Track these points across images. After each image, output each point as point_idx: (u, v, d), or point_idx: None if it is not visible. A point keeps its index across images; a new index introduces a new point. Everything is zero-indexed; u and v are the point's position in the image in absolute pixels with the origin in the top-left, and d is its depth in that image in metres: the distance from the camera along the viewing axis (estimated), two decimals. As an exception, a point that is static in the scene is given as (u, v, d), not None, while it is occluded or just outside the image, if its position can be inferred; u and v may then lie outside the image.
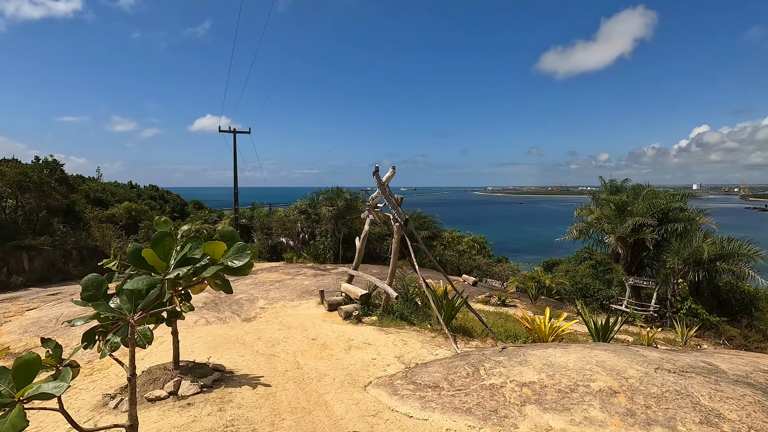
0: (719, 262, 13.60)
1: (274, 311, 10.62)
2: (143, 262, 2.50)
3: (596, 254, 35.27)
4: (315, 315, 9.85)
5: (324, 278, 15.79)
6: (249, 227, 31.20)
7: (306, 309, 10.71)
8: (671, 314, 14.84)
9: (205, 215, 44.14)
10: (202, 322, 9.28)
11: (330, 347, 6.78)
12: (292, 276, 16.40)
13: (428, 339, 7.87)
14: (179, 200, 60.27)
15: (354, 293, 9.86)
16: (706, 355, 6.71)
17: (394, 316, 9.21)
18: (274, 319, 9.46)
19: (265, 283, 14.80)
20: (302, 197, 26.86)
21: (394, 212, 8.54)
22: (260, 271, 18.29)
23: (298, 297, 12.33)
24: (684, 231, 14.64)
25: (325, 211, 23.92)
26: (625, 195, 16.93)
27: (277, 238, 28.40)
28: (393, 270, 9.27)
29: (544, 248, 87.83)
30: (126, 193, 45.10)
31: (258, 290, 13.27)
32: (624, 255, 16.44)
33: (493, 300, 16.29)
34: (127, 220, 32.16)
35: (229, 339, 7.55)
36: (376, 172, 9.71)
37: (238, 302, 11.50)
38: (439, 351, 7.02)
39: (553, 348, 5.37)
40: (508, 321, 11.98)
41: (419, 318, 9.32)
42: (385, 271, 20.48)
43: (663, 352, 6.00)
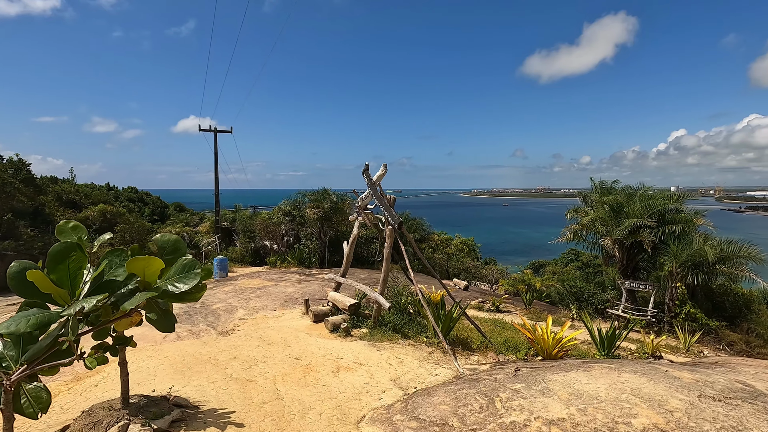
0: (719, 265, 13.19)
1: (255, 323, 9.69)
2: (34, 290, 1.65)
3: (582, 256, 35.17)
4: (299, 327, 8.97)
5: (309, 285, 14.88)
6: (231, 230, 30.01)
7: (289, 320, 9.81)
8: (669, 319, 14.40)
9: (186, 218, 42.66)
10: (172, 337, 8.30)
11: (316, 369, 5.93)
12: (275, 282, 15.43)
13: (425, 355, 7.08)
14: (160, 202, 58.44)
15: (342, 303, 9.01)
16: (734, 371, 6.09)
17: (386, 328, 8.40)
18: (253, 333, 8.54)
19: (246, 290, 13.81)
20: (286, 198, 25.87)
21: (387, 214, 7.75)
22: (241, 276, 17.26)
23: (281, 306, 11.41)
24: (682, 233, 14.22)
25: (310, 213, 22.98)
26: (618, 196, 16.50)
27: (261, 242, 27.33)
28: (385, 277, 8.46)
29: (530, 250, 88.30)
30: (102, 195, 43.28)
31: (237, 298, 12.30)
32: (620, 258, 15.97)
33: (487, 305, 15.63)
34: (101, 223, 30.60)
35: (201, 359, 6.62)
36: (366, 170, 8.90)
37: (215, 313, 10.53)
38: (439, 370, 6.23)
39: (575, 371, 4.64)
40: (506, 329, 11.29)
41: (414, 329, 8.53)
42: (374, 276, 19.67)
43: (692, 370, 5.33)
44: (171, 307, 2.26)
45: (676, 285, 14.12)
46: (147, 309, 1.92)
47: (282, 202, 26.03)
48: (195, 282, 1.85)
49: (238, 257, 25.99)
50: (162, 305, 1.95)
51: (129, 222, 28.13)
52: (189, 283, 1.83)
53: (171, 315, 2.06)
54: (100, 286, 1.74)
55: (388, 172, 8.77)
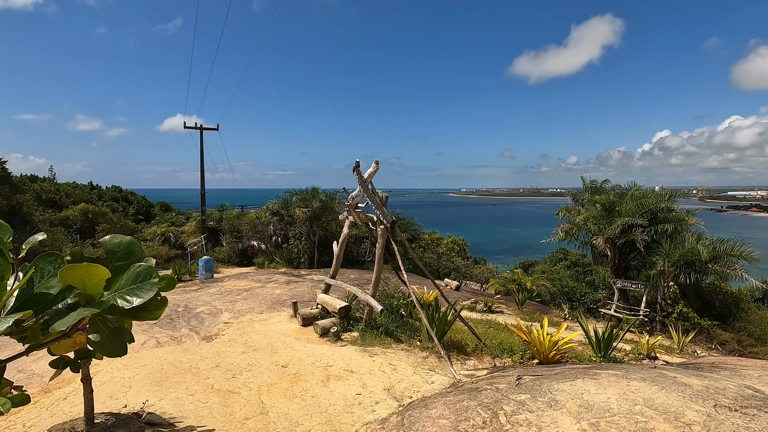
0: (711, 264, 13.13)
1: (240, 327, 9.26)
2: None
3: (571, 255, 35.28)
4: (287, 331, 8.57)
5: (298, 286, 14.46)
6: (218, 230, 29.35)
7: (277, 323, 9.40)
8: (661, 318, 14.33)
9: (172, 217, 41.75)
10: (152, 344, 7.84)
11: (304, 378, 5.55)
12: (263, 284, 14.97)
13: (419, 360, 6.76)
14: (145, 202, 57.19)
15: (332, 306, 8.64)
16: (739, 375, 5.89)
17: (378, 331, 8.05)
18: (238, 338, 8.12)
19: (232, 292, 13.34)
20: (274, 197, 25.34)
21: (379, 213, 7.40)
22: (228, 278, 16.75)
23: (269, 309, 10.98)
24: (674, 232, 14.15)
25: (299, 212, 22.50)
26: (610, 195, 16.40)
27: (248, 242, 26.76)
28: (377, 279, 8.11)
29: (519, 249, 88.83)
30: (84, 194, 42.16)
31: (223, 301, 11.83)
32: (612, 257, 15.88)
33: (479, 306, 15.39)
34: (83, 222, 29.72)
35: (180, 368, 6.19)
36: (357, 167, 8.54)
37: (199, 316, 10.06)
38: (435, 377, 5.91)
39: (582, 380, 4.35)
40: (500, 331, 11.03)
41: (407, 333, 8.20)
42: (364, 277, 19.30)
43: (699, 376, 5.10)
44: (128, 325, 1.88)
45: (668, 284, 14.04)
46: (91, 328, 1.56)
47: (270, 201, 25.50)
48: (150, 294, 1.49)
49: (224, 258, 25.39)
50: (112, 323, 1.58)
51: (112, 222, 27.32)
52: (143, 295, 1.47)
53: (122, 335, 1.68)
54: (28, 300, 1.37)
55: (379, 168, 8.43)
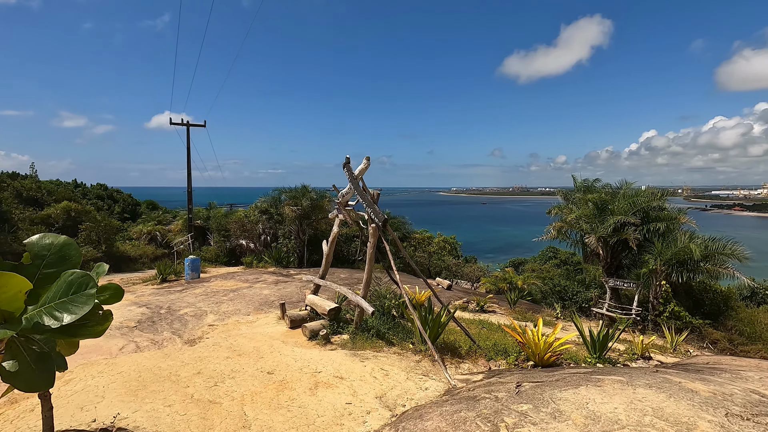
0: (703, 263, 13.10)
1: (225, 329, 8.89)
2: None
3: (561, 253, 35.39)
4: (274, 334, 8.23)
5: (286, 286, 14.09)
6: (205, 229, 28.77)
7: (264, 326, 9.05)
8: (653, 317, 14.28)
9: (159, 216, 40.97)
10: (131, 348, 7.44)
11: (291, 386, 5.24)
12: (250, 284, 14.57)
13: (412, 364, 6.48)
14: (131, 200, 56.10)
15: (321, 307, 8.32)
16: (740, 378, 5.73)
17: (369, 334, 7.76)
18: (223, 342, 7.76)
19: (218, 292, 12.93)
20: (263, 195, 24.87)
21: (370, 211, 7.10)
22: (214, 278, 16.30)
23: (256, 310, 10.61)
24: (666, 231, 14.10)
25: (288, 211, 22.09)
26: (602, 194, 16.32)
27: (236, 241, 26.26)
28: (368, 280, 7.82)
29: (509, 248, 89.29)
30: (67, 192, 41.07)
31: (208, 302, 11.42)
32: (604, 256, 15.80)
33: (472, 305, 15.20)
34: (65, 221, 28.89)
35: (159, 375, 5.83)
36: (347, 163, 8.23)
37: (182, 319, 9.66)
38: (429, 383, 5.64)
39: (585, 387, 4.11)
40: (493, 331, 10.83)
41: (399, 335, 7.93)
42: (355, 276, 18.97)
43: (703, 380, 4.90)
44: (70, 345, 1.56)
45: (660, 283, 13.99)
46: (7, 354, 1.23)
47: (258, 199, 25.03)
48: (85, 309, 1.17)
49: (212, 257, 24.87)
50: (40, 346, 1.26)
51: (96, 220, 26.58)
52: (76, 311, 1.16)
53: (49, 363, 1.34)
54: None
55: (370, 166, 8.13)
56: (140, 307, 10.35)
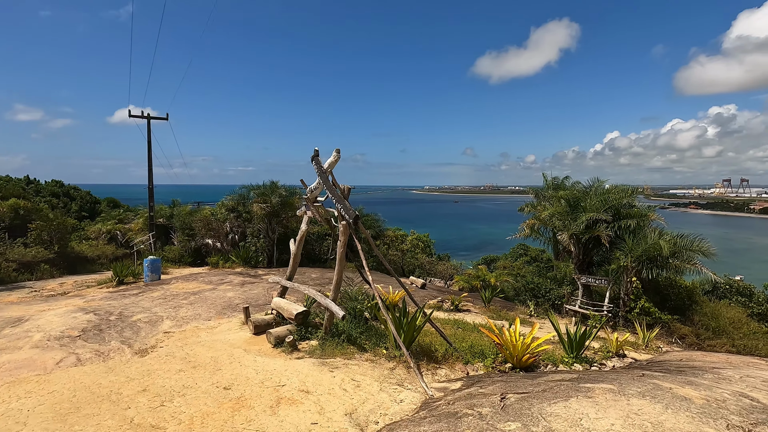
0: (672, 259, 13.28)
1: (183, 337, 8.14)
2: None
3: (531, 251, 35.93)
4: (236, 342, 7.56)
5: (253, 288, 13.33)
6: (168, 227, 27.36)
7: (225, 332, 8.35)
8: (624, 313, 14.41)
9: (120, 214, 38.85)
10: (70, 362, 6.61)
11: (249, 403, 4.64)
12: (214, 286, 13.71)
13: (386, 372, 6.00)
14: (90, 197, 53.14)
15: (288, 311, 7.71)
16: (724, 379, 5.57)
17: (339, 339, 7.22)
18: (178, 352, 7.04)
19: (178, 295, 12.03)
20: (230, 192, 23.81)
21: (340, 207, 6.56)
22: (175, 279, 15.29)
23: (218, 314, 9.86)
24: (637, 227, 14.24)
25: (256, 208, 21.16)
26: (574, 191, 16.39)
27: (202, 240, 25.07)
28: (338, 281, 7.27)
29: (480, 245, 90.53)
30: (16, 188, 38.31)
31: (166, 307, 10.55)
32: (576, 253, 15.84)
33: (446, 305, 14.91)
34: (12, 220, 26.79)
35: (98, 394, 5.10)
36: (316, 156, 7.65)
37: (134, 326, 8.81)
38: (404, 394, 5.17)
39: (576, 398, 3.74)
40: (469, 331, 10.52)
41: (372, 340, 7.43)
42: (326, 276, 18.33)
43: (692, 384, 4.66)
44: None
45: (631, 279, 14.11)
46: None
47: (225, 196, 23.93)
48: None
49: (175, 257, 23.62)
50: None
51: (47, 219, 24.75)
52: None
53: None
54: None
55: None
56: (87, 314, 9.39)
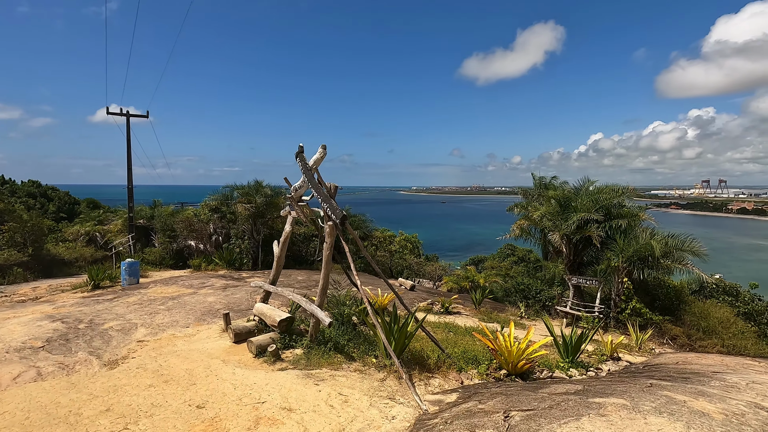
0: (663, 259, 13.15)
1: (157, 346, 7.58)
2: None
3: (518, 251, 35.94)
4: (214, 351, 7.04)
5: (236, 292, 12.76)
6: (148, 229, 26.46)
7: (204, 340, 7.81)
8: (615, 314, 14.26)
9: (99, 215, 37.70)
10: (30, 376, 6.02)
11: (224, 425, 4.17)
12: (195, 290, 13.09)
13: (376, 384, 5.58)
14: (68, 198, 51.65)
15: (271, 318, 7.23)
16: (734, 389, 5.29)
17: (326, 347, 6.77)
18: (150, 363, 6.49)
19: (155, 300, 11.41)
20: (212, 192, 23.09)
21: (326, 206, 6.12)
22: (153, 283, 14.61)
23: (197, 321, 9.30)
24: (628, 227, 14.09)
25: (241, 209, 20.51)
26: (565, 191, 16.21)
27: (184, 242, 24.29)
28: (325, 285, 6.82)
29: (468, 245, 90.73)
30: (-12, 188, 36.89)
31: (141, 313, 9.94)
32: (567, 253, 15.65)
33: (436, 307, 14.55)
34: (-17, 221, 25.65)
35: (55, 415, 4.56)
36: (300, 152, 7.19)
37: (105, 334, 8.20)
38: (397, 409, 4.76)
39: (587, 417, 3.38)
40: (460, 335, 10.16)
41: (360, 347, 6.99)
42: (313, 278, 17.81)
43: (704, 395, 4.35)
44: None
45: (622, 280, 13.95)
46: None
47: (208, 196, 23.20)
48: None
49: (155, 259, 22.79)
50: None
51: (21, 220, 23.67)
52: None
53: None
54: None
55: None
56: (54, 322, 8.74)
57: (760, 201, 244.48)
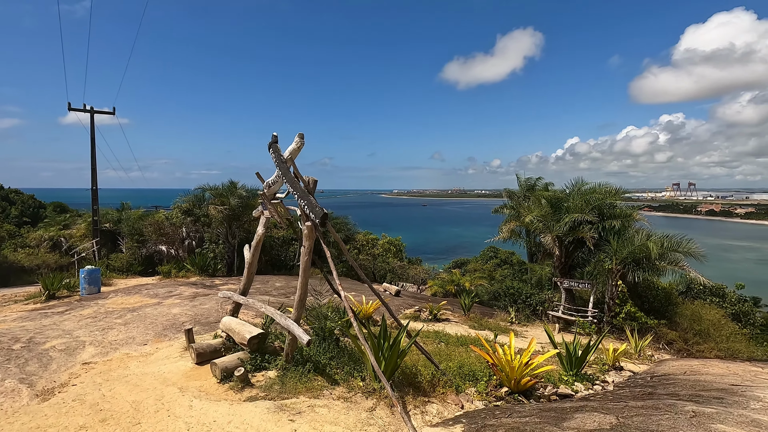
0: (659, 261, 12.65)
1: (106, 369, 6.45)
2: None
3: (500, 253, 35.59)
4: (172, 375, 5.97)
5: (206, 301, 11.58)
6: (115, 233, 24.78)
7: (161, 361, 6.71)
8: (609, 319, 13.70)
9: (65, 219, 35.55)
10: (-66, 416, 4.83)
11: (166, 488, 3.17)
12: (160, 300, 11.86)
13: (364, 417, 4.64)
14: (33, 202, 49.17)
15: (239, 334, 6.20)
16: (754, 400, 4.59)
17: (304, 368, 5.80)
18: (92, 393, 5.39)
19: (113, 313, 10.16)
20: (182, 194, 21.69)
21: (304, 204, 5.17)
22: (114, 293, 13.26)
23: (157, 337, 8.16)
24: (622, 228, 13.57)
25: (214, 211, 19.23)
26: (556, 192, 15.64)
27: (154, 246, 22.78)
28: (303, 296, 5.84)
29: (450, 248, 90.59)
30: (-60, 192, 34.46)
31: (93, 328, 8.72)
32: (558, 255, 15.05)
33: (424, 314, 13.70)
34: (-70, 227, 23.67)
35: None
36: (274, 142, 6.22)
37: (44, 356, 7.00)
38: (391, 451, 3.84)
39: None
40: (453, 345, 9.33)
41: (344, 367, 6.04)
42: (292, 284, 16.67)
43: (729, 415, 3.59)
44: None
45: (616, 283, 13.41)
46: None
47: (179, 197, 21.80)
48: None
49: (122, 266, 21.23)
50: None
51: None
52: None
53: None
54: None
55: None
56: (-15, 341, 7.48)
57: (727, 203, 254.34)
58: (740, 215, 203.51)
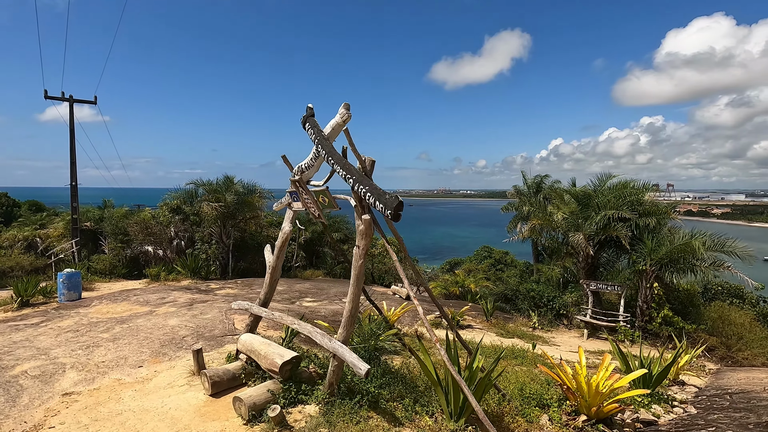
0: (701, 261, 11.71)
1: (93, 403, 5.05)
2: None
3: (495, 253, 34.73)
4: (181, 414, 4.61)
5: (206, 309, 10.13)
6: (97, 232, 22.93)
7: (164, 390, 5.34)
8: (643, 324, 12.72)
9: (42, 219, 33.27)
10: None
11: None
12: (153, 307, 10.36)
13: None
14: (6, 200, 46.46)
15: (268, 359, 4.86)
16: None
17: (353, 403, 4.52)
18: (75, 442, 4.02)
19: (98, 324, 8.66)
20: (172, 190, 20.05)
21: (364, 190, 3.89)
22: (97, 299, 11.68)
23: (154, 356, 6.74)
24: (657, 226, 12.60)
25: (207, 209, 17.64)
26: (585, 188, 14.60)
27: (140, 247, 21.09)
28: (353, 311, 4.54)
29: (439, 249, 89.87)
30: None
31: (75, 345, 7.24)
32: (585, 256, 14.01)
33: (445, 321, 12.50)
34: None
35: None
36: (310, 116, 4.92)
37: (12, 385, 5.54)
38: None
39: None
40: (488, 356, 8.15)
41: (406, 399, 4.78)
42: (295, 288, 15.20)
43: None
44: None
45: (651, 285, 12.44)
46: None
47: (167, 194, 20.14)
48: None
49: (105, 268, 19.47)
50: None
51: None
52: None
53: None
54: None
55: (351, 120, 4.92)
56: (-65, 367, 5.96)
57: (704, 204, 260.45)
58: (717, 215, 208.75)
